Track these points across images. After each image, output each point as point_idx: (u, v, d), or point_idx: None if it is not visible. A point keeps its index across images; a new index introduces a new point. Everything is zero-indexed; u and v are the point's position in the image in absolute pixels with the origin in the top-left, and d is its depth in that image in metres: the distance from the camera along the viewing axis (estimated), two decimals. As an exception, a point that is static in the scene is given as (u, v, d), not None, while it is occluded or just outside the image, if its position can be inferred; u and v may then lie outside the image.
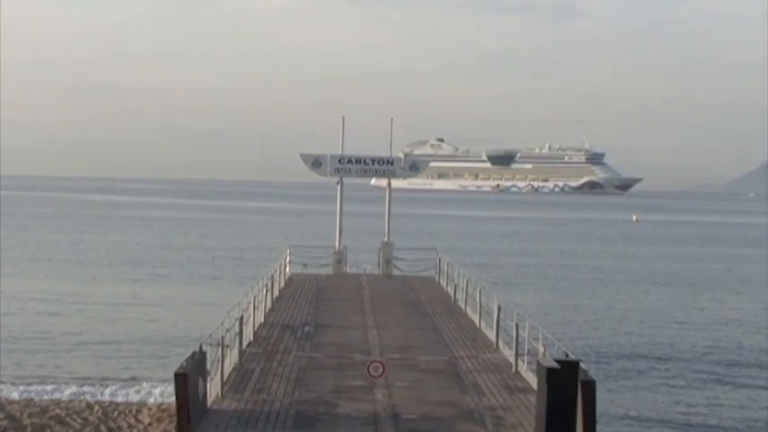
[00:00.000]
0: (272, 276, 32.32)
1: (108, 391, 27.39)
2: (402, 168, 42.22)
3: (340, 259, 42.12)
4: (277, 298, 32.65)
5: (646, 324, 42.91)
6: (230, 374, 20.15)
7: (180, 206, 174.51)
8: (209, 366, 18.05)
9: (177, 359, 23.39)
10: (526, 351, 21.19)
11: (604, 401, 25.61)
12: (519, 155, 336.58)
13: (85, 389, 27.62)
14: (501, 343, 24.30)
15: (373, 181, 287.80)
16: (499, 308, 24.43)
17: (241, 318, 22.00)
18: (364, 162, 41.37)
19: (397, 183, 53.01)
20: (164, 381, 27.78)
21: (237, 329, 21.55)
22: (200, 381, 16.84)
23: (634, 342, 37.95)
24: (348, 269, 43.02)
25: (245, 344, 22.40)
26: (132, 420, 23.93)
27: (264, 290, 29.07)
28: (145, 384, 28.26)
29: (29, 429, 23.17)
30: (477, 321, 27.95)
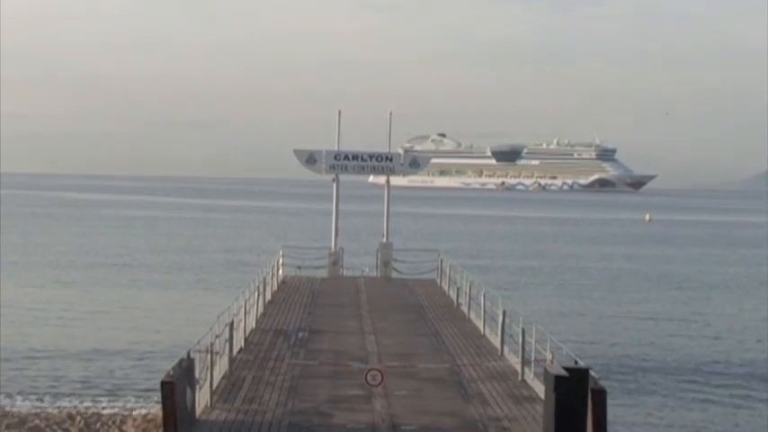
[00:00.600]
0: (264, 279, 32.33)
1: (90, 400, 27.37)
2: (402, 165, 42.22)
3: (336, 261, 42.12)
4: (269, 302, 32.66)
5: (658, 330, 42.92)
6: (220, 383, 20.15)
7: (166, 205, 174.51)
8: (197, 374, 18.05)
9: (164, 367, 23.40)
10: (533, 358, 21.20)
11: (615, 411, 25.61)
12: (525, 150, 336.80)
13: (67, 398, 27.62)
14: (506, 350, 24.32)
15: (371, 178, 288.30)
16: (504, 313, 24.44)
17: (231, 323, 22.00)
18: (361, 158, 41.37)
19: (396, 180, 53.05)
20: (150, 389, 27.77)
21: (227, 335, 21.55)
22: (188, 390, 16.84)
23: (646, 348, 37.96)
24: (344, 271, 43.03)
25: (235, 351, 22.40)
26: (116, 431, 23.93)
27: (256, 293, 29.07)
28: (130, 393, 28.25)
29: (7, 441, 23.16)
30: (480, 327, 27.96)
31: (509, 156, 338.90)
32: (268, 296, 33.04)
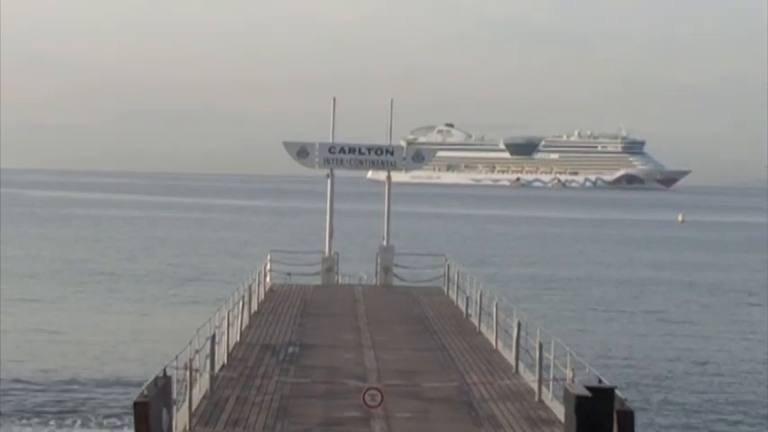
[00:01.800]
0: (250, 287, 32.31)
1: (55, 422, 27.37)
2: (404, 159, 42.22)
3: (330, 267, 42.12)
4: (255, 313, 32.66)
5: (691, 344, 42.92)
6: (200, 404, 20.14)
7: (141, 204, 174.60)
8: (174, 394, 18.04)
9: (137, 385, 23.38)
10: (551, 376, 21.19)
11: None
12: (543, 143, 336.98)
13: (32, 421, 27.62)
14: (522, 366, 24.30)
15: (370, 174, 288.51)
16: (519, 325, 24.43)
17: (213, 337, 21.99)
18: (359, 151, 41.36)
19: (398, 176, 53.00)
20: (122, 411, 27.76)
21: (208, 350, 21.54)
22: (164, 411, 16.83)
23: (678, 365, 37.96)
24: (340, 279, 43.03)
25: (217, 367, 22.39)
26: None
27: (241, 303, 29.07)
28: (100, 414, 28.24)
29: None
30: (493, 341, 27.95)
31: (525, 149, 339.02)
32: (254, 306, 33.02)
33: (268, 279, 39.89)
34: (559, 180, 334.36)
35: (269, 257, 41.43)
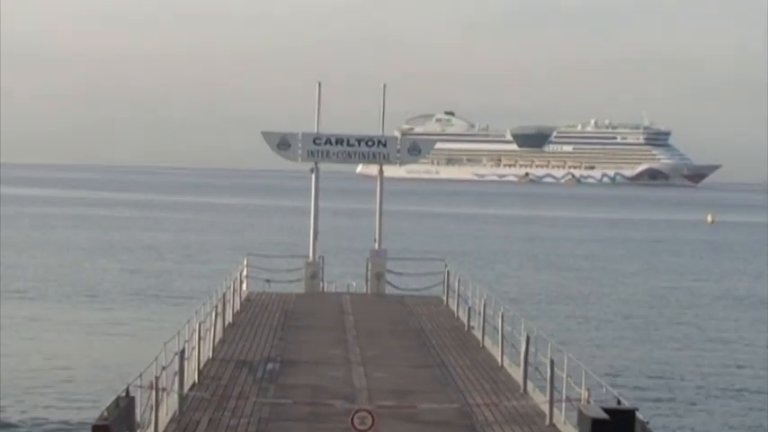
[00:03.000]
0: (224, 296, 32.30)
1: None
2: (398, 151, 42.23)
3: (315, 273, 42.13)
4: (230, 325, 32.66)
5: (720, 361, 42.98)
6: (167, 427, 20.14)
7: (102, 201, 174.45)
8: (138, 416, 18.03)
9: (96, 406, 23.36)
10: (564, 396, 21.21)
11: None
12: (555, 133, 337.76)
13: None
14: (530, 385, 24.33)
15: (360, 168, 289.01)
16: (528, 339, 24.45)
17: (182, 352, 21.99)
18: (348, 143, 41.38)
19: (391, 171, 53.16)
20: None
21: (177, 367, 21.54)
22: (127, 436, 16.81)
23: (706, 386, 38.01)
24: (326, 286, 43.05)
25: (186, 386, 22.39)
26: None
27: (213, 314, 29.06)
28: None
29: None
30: (498, 357, 27.98)
31: (535, 140, 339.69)
32: (228, 318, 33.02)
33: (244, 286, 39.87)
34: (573, 176, 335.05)
35: (245, 262, 41.41)
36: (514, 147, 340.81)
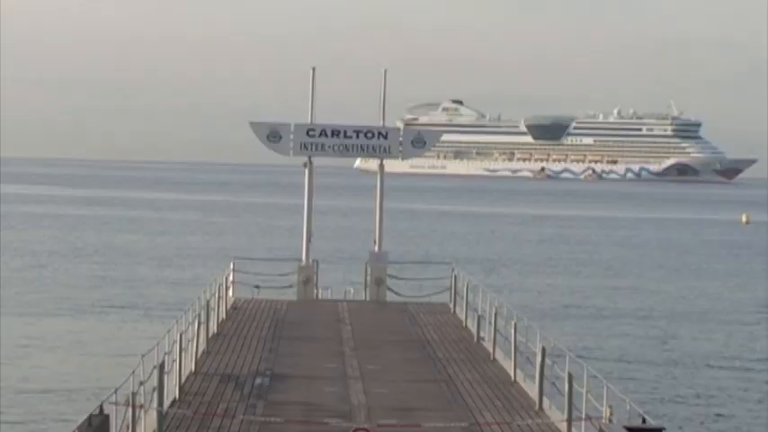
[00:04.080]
0: (208, 304, 32.34)
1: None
2: (401, 144, 42.28)
3: (308, 278, 42.17)
4: (215, 335, 32.69)
5: (756, 376, 42.99)
6: (145, 448, 20.17)
7: (74, 199, 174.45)
8: (113, 436, 18.04)
9: (66, 426, 23.38)
10: (584, 414, 21.24)
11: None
12: (574, 124, 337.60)
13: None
14: (547, 402, 24.36)
15: (358, 162, 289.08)
16: (544, 351, 24.47)
17: (161, 365, 22.01)
18: (345, 134, 41.40)
19: (393, 165, 53.02)
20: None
21: (156, 382, 21.56)
22: (101, 457, 16.84)
23: (739, 403, 38.04)
24: (320, 293, 43.08)
25: (167, 403, 22.41)
26: None
27: (196, 324, 29.10)
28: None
29: None
30: (511, 371, 28.01)
31: (551, 131, 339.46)
32: (213, 327, 33.06)
33: (230, 293, 39.92)
34: (594, 171, 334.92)
35: (232, 266, 41.45)
36: (529, 139, 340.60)
